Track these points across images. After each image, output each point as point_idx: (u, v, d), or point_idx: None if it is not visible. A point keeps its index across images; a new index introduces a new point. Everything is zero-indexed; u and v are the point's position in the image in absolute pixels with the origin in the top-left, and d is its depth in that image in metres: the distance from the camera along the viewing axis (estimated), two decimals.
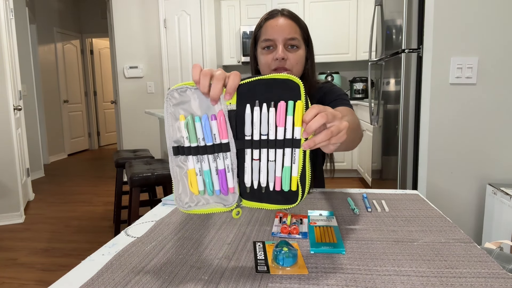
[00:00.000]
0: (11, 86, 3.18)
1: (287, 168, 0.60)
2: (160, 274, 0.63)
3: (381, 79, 2.62)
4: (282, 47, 1.05)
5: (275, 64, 1.06)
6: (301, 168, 0.59)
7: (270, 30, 1.06)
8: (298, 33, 1.07)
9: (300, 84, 0.57)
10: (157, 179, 2.15)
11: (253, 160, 0.62)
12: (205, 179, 0.63)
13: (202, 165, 0.62)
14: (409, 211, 0.92)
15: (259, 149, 0.61)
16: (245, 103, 0.60)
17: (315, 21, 4.43)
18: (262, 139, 0.60)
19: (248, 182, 0.63)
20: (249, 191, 0.64)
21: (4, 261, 2.41)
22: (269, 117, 0.58)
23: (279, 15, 1.08)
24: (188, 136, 0.61)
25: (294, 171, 0.60)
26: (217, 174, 0.63)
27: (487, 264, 0.64)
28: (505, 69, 1.78)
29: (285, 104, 0.58)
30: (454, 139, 1.86)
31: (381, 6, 2.60)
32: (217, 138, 0.61)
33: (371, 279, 0.59)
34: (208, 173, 0.63)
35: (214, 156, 0.62)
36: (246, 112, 0.60)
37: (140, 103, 4.51)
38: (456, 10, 1.78)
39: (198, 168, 0.63)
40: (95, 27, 6.75)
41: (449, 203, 1.90)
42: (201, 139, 0.61)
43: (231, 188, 0.63)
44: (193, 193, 0.64)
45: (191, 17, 4.30)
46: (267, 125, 0.59)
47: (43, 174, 4.90)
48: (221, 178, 0.63)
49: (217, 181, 0.63)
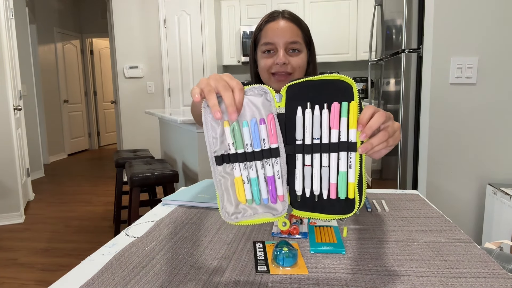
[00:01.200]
0: (11, 86, 3.18)
1: (343, 174, 0.55)
2: (160, 274, 0.63)
3: (381, 79, 2.62)
4: (283, 51, 1.01)
5: (275, 69, 1.02)
6: (358, 174, 0.55)
7: (270, 33, 1.02)
8: (299, 37, 1.03)
9: (354, 85, 0.54)
10: (157, 179, 2.15)
11: (305, 166, 0.58)
12: (252, 188, 0.59)
13: (250, 172, 0.58)
14: (409, 211, 0.92)
15: (311, 154, 0.57)
16: (296, 106, 0.56)
17: (315, 21, 4.43)
18: (315, 143, 0.56)
19: (300, 190, 0.59)
20: (300, 199, 0.60)
21: (4, 261, 2.41)
22: (322, 119, 0.55)
23: (280, 18, 1.04)
24: (234, 142, 0.57)
25: (351, 177, 0.55)
26: (265, 181, 0.59)
27: (487, 264, 0.64)
28: (505, 69, 1.78)
29: (339, 105, 0.54)
30: (454, 139, 1.86)
31: (381, 6, 2.60)
32: (266, 143, 0.57)
33: (371, 279, 0.59)
34: (255, 181, 0.58)
35: (262, 163, 0.58)
36: (297, 115, 0.56)
37: (140, 103, 4.51)
38: (456, 10, 1.78)
39: (245, 176, 0.58)
40: (95, 27, 6.75)
41: (449, 203, 1.90)
42: (248, 145, 0.57)
43: (280, 196, 0.59)
44: (240, 203, 0.60)
45: (191, 17, 4.30)
46: (319, 127, 0.55)
47: (43, 174, 4.90)
48: (271, 185, 0.59)
49: (265, 189, 0.59)
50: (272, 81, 1.04)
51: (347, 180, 0.56)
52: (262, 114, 0.57)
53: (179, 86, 4.44)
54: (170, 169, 2.24)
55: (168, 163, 2.43)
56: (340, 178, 0.56)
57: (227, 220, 0.59)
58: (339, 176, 0.56)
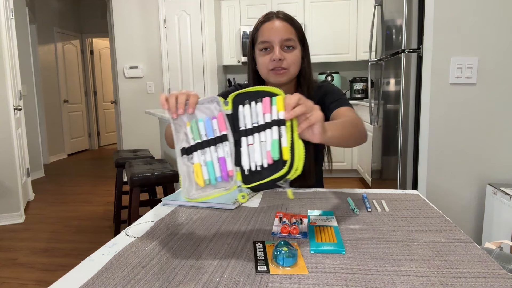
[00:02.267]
0: (11, 86, 3.18)
1: (275, 141, 0.68)
2: (160, 274, 0.63)
3: (381, 79, 2.62)
4: (279, 48, 1.09)
5: (272, 65, 1.10)
6: (289, 140, 0.67)
7: (266, 32, 1.10)
8: (293, 34, 1.11)
9: (282, 93, 0.69)
10: (157, 179, 2.15)
11: (249, 146, 0.70)
12: (209, 169, 0.72)
13: (206, 156, 0.72)
14: (409, 211, 0.92)
15: (252, 135, 0.70)
16: (238, 105, 0.73)
17: (315, 21, 4.43)
18: (254, 126, 0.70)
19: (247, 165, 0.70)
20: (248, 173, 0.70)
21: (4, 261, 2.41)
22: (257, 108, 0.70)
23: (275, 18, 1.12)
24: (193, 136, 0.73)
25: (284, 142, 0.67)
26: (218, 162, 0.72)
27: (487, 264, 0.64)
28: (505, 69, 1.78)
29: (269, 98, 0.69)
30: (454, 139, 1.86)
31: (381, 6, 2.60)
32: (217, 132, 0.72)
33: (371, 279, 0.59)
34: (211, 163, 0.72)
35: (215, 147, 0.72)
36: (239, 110, 0.72)
37: (140, 103, 4.51)
38: (456, 10, 1.78)
39: (202, 161, 0.72)
40: (95, 27, 6.75)
41: (449, 203, 1.90)
42: (203, 135, 0.73)
43: (230, 171, 0.71)
44: (199, 185, 0.72)
45: (191, 17, 4.30)
46: (256, 114, 0.70)
47: (43, 174, 4.90)
48: (222, 164, 0.71)
49: (218, 168, 0.72)
50: (270, 75, 1.13)
51: (279, 145, 0.67)
52: (214, 114, 0.74)
53: (179, 86, 4.45)
54: (170, 169, 2.24)
55: (168, 163, 2.43)
56: (272, 144, 0.68)
57: (187, 196, 0.71)
58: (272, 143, 0.68)
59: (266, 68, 1.12)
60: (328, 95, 1.17)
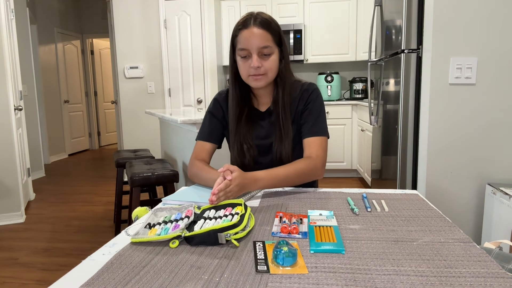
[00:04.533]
0: (11, 86, 3.18)
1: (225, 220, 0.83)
2: (160, 273, 0.63)
3: (380, 79, 2.62)
4: (256, 56, 1.15)
5: (251, 71, 1.17)
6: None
7: (244, 40, 1.15)
8: (270, 40, 1.16)
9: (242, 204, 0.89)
10: (158, 179, 2.15)
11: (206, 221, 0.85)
12: (163, 230, 0.80)
13: (167, 225, 0.83)
14: (408, 211, 0.92)
15: (208, 218, 0.85)
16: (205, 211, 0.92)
17: (315, 21, 4.43)
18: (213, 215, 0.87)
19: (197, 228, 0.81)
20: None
21: (5, 260, 2.42)
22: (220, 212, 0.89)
23: (252, 25, 1.15)
24: (164, 220, 0.85)
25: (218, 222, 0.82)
26: (174, 227, 0.81)
27: (486, 263, 0.64)
28: (504, 69, 1.79)
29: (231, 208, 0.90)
30: (453, 139, 1.86)
31: (381, 6, 2.60)
32: (183, 216, 0.85)
33: (371, 278, 0.60)
34: (167, 229, 0.80)
35: (176, 223, 0.83)
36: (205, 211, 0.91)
37: (141, 103, 4.51)
38: (456, 10, 1.78)
39: (161, 228, 0.82)
40: (95, 28, 6.75)
41: (448, 203, 1.90)
42: (173, 219, 0.85)
43: (178, 225, 0.82)
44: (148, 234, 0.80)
45: (191, 17, 4.30)
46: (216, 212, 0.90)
47: (43, 174, 4.91)
48: (175, 226, 0.80)
49: (171, 228, 0.81)
50: (250, 80, 1.20)
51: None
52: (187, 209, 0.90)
53: (179, 86, 4.45)
54: (170, 169, 2.24)
55: (168, 163, 2.43)
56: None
57: (131, 236, 0.79)
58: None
59: (246, 74, 1.19)
60: (308, 110, 1.24)
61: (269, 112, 1.26)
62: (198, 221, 0.84)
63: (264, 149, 1.27)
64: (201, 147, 1.29)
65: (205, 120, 1.33)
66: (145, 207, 0.95)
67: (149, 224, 0.83)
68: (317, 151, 1.19)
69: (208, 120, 1.32)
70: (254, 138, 1.26)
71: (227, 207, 0.89)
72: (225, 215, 0.84)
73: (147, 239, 0.76)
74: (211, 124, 1.31)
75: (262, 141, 1.27)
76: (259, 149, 1.27)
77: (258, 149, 1.27)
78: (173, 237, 0.76)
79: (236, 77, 1.24)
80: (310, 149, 1.20)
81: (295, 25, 4.40)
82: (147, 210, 0.95)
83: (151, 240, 0.77)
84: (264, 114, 1.27)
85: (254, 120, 1.28)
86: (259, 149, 1.27)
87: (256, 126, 1.27)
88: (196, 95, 4.45)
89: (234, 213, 0.83)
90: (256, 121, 1.28)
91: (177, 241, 0.75)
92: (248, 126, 1.26)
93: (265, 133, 1.26)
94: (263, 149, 1.27)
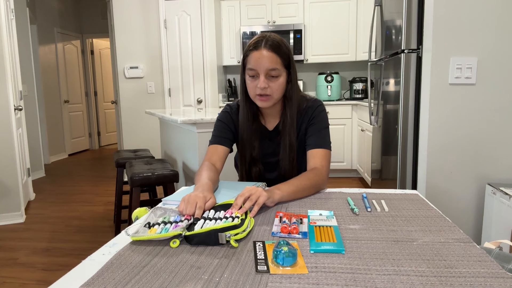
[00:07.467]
0: (12, 86, 3.18)
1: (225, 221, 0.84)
2: (160, 273, 0.63)
3: (380, 79, 2.62)
4: (264, 78, 1.19)
5: (258, 91, 1.20)
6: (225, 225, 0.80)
7: (253, 61, 1.19)
8: (278, 63, 1.19)
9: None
10: (158, 179, 2.15)
11: (205, 222, 0.85)
12: (163, 230, 0.81)
13: (166, 226, 0.84)
14: (408, 211, 0.92)
15: (208, 219, 0.87)
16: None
17: (315, 21, 4.43)
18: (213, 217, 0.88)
19: (197, 228, 0.82)
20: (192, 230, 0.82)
21: (5, 260, 2.42)
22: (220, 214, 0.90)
23: (262, 47, 1.18)
24: (163, 220, 0.86)
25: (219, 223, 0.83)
26: (173, 226, 0.82)
27: (486, 263, 0.64)
28: (504, 69, 1.79)
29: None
30: (453, 139, 1.86)
31: (381, 6, 2.60)
32: (183, 219, 0.86)
33: (371, 278, 0.60)
34: (167, 229, 0.81)
35: (175, 224, 0.84)
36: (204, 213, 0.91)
37: (141, 103, 4.51)
38: (456, 10, 1.78)
39: (161, 228, 0.82)
40: (95, 28, 6.75)
41: (448, 203, 1.90)
42: (173, 219, 0.87)
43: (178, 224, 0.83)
44: (148, 233, 0.80)
45: (191, 17, 4.30)
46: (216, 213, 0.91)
47: (43, 174, 4.91)
48: (175, 226, 0.82)
49: (171, 228, 0.82)
50: (256, 100, 1.24)
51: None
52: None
53: (179, 86, 4.45)
54: (171, 169, 2.24)
55: (169, 163, 2.43)
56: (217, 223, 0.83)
57: (131, 235, 0.79)
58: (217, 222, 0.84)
59: (253, 93, 1.22)
60: (313, 125, 1.27)
61: (277, 131, 1.31)
62: (198, 221, 0.84)
63: (271, 166, 1.32)
64: (214, 150, 1.31)
65: (217, 127, 1.35)
66: (145, 208, 0.96)
67: (148, 224, 0.83)
68: (322, 161, 1.22)
69: (219, 127, 1.35)
70: (261, 155, 1.32)
71: (227, 210, 0.90)
72: (225, 217, 0.85)
73: (148, 237, 0.76)
74: (223, 130, 1.34)
75: (269, 158, 1.32)
76: (265, 166, 1.32)
77: (264, 166, 1.32)
78: (173, 236, 0.76)
79: (246, 95, 1.28)
80: (315, 160, 1.23)
81: (295, 25, 4.40)
82: (147, 210, 0.95)
83: (151, 239, 0.77)
84: (271, 132, 1.32)
85: (262, 138, 1.32)
86: (265, 166, 1.32)
87: (264, 144, 1.32)
88: (196, 95, 4.45)
89: (235, 216, 0.84)
90: (264, 139, 1.32)
91: (177, 240, 0.76)
92: (257, 143, 1.31)
93: (272, 150, 1.31)
94: (270, 166, 1.33)
